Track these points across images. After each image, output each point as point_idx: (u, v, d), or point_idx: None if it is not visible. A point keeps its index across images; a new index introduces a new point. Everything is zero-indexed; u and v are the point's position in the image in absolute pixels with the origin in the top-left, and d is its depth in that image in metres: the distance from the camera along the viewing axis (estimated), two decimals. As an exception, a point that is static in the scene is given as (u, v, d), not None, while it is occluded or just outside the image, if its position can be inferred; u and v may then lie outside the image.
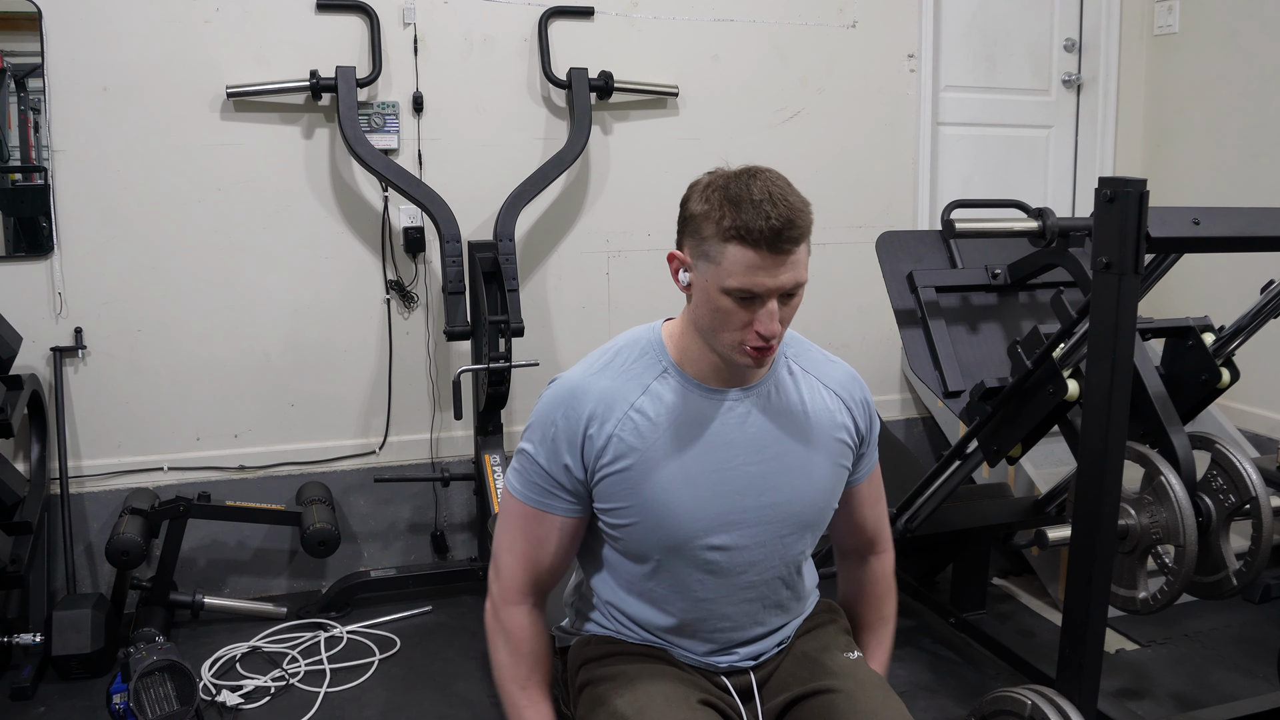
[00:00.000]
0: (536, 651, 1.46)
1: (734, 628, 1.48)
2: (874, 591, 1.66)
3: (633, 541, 1.41)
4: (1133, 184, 1.67)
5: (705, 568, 1.41)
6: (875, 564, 1.66)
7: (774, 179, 1.29)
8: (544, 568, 1.45)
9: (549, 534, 1.43)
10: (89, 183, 2.91)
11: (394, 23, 3.11)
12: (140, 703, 2.22)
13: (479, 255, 2.98)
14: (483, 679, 2.64)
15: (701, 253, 1.30)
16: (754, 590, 1.46)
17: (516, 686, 1.45)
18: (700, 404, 1.39)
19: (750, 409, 1.41)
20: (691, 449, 1.38)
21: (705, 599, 1.44)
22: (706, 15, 3.42)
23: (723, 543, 1.40)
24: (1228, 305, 2.58)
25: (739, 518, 1.40)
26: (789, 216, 1.25)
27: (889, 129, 3.68)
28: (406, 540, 3.31)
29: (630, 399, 1.38)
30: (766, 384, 1.43)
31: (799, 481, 1.43)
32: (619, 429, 1.37)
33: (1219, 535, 2.00)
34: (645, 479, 1.37)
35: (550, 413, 1.39)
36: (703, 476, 1.38)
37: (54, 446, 2.92)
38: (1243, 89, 3.58)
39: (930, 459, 3.60)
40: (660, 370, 1.40)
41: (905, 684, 2.57)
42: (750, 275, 1.26)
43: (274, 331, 3.13)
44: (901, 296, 2.55)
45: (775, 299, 1.28)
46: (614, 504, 1.39)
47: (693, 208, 1.31)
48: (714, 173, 1.33)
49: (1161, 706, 2.49)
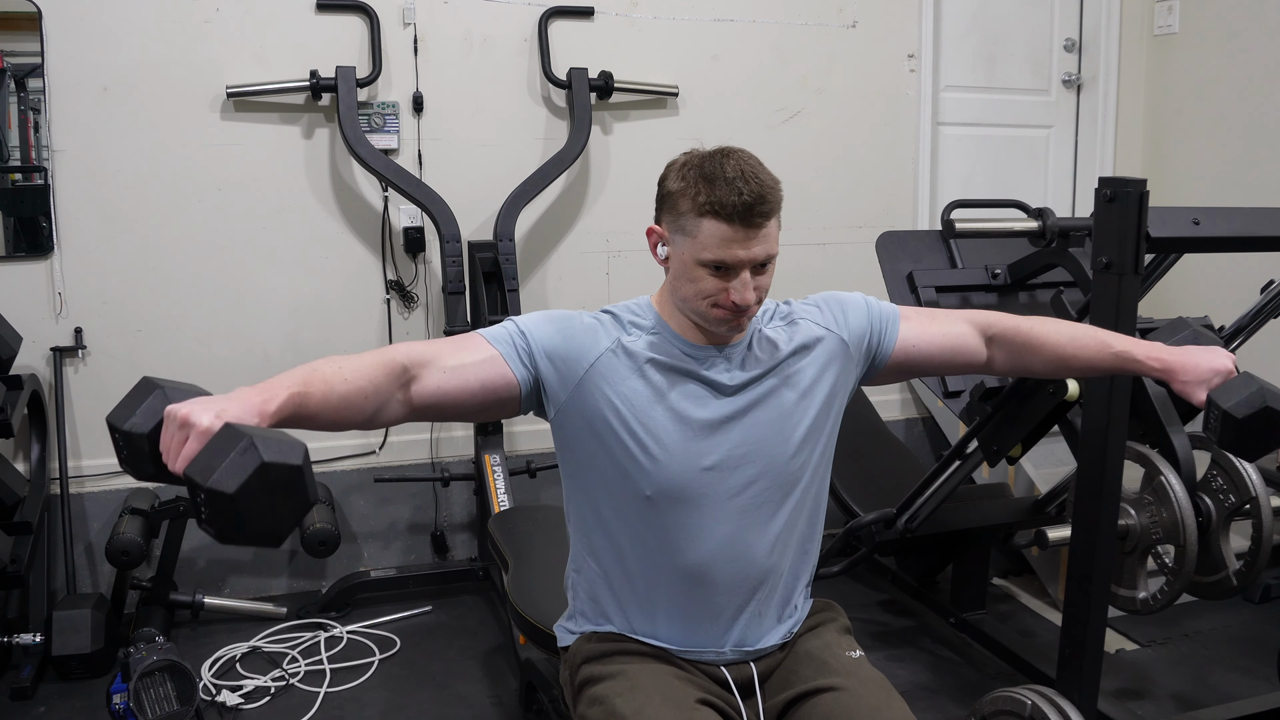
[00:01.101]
0: (360, 371, 1.28)
1: (725, 561, 1.45)
2: (1021, 332, 1.60)
3: (623, 476, 1.42)
4: (1133, 184, 1.68)
5: (700, 490, 1.43)
6: (997, 323, 1.61)
7: (746, 158, 1.36)
8: (435, 371, 1.34)
9: (479, 362, 1.36)
10: (89, 183, 2.91)
11: (394, 23, 3.11)
12: (140, 703, 2.22)
13: (479, 255, 2.98)
14: (483, 679, 2.64)
15: (678, 227, 1.38)
16: (747, 517, 1.45)
17: (323, 362, 1.31)
18: (684, 356, 1.45)
19: (732, 365, 1.46)
20: (675, 391, 1.43)
21: (699, 526, 1.43)
22: (706, 15, 3.42)
23: (714, 462, 1.43)
24: (1228, 305, 2.58)
25: (728, 452, 1.44)
26: (760, 192, 1.33)
27: (889, 129, 3.68)
28: (406, 540, 3.31)
29: (622, 336, 1.45)
30: (746, 339, 1.48)
31: (782, 426, 1.46)
32: (612, 352, 1.43)
33: (1219, 535, 2.00)
34: (632, 409, 1.41)
35: (573, 313, 1.46)
36: (692, 420, 1.43)
37: (54, 446, 2.92)
38: (1243, 89, 3.58)
39: (930, 459, 3.60)
40: (649, 328, 1.47)
41: (905, 684, 2.57)
42: (724, 248, 1.34)
43: (274, 331, 3.13)
44: (901, 296, 2.55)
45: (748, 270, 1.36)
46: (600, 425, 1.41)
47: (670, 185, 1.39)
48: (689, 153, 1.40)
49: (1161, 706, 2.49)
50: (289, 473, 1.03)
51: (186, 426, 1.06)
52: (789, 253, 3.32)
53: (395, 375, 1.30)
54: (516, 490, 2.94)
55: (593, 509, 1.48)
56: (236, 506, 1.00)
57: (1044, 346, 1.60)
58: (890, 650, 2.77)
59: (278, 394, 1.15)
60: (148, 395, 1.11)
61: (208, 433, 1.05)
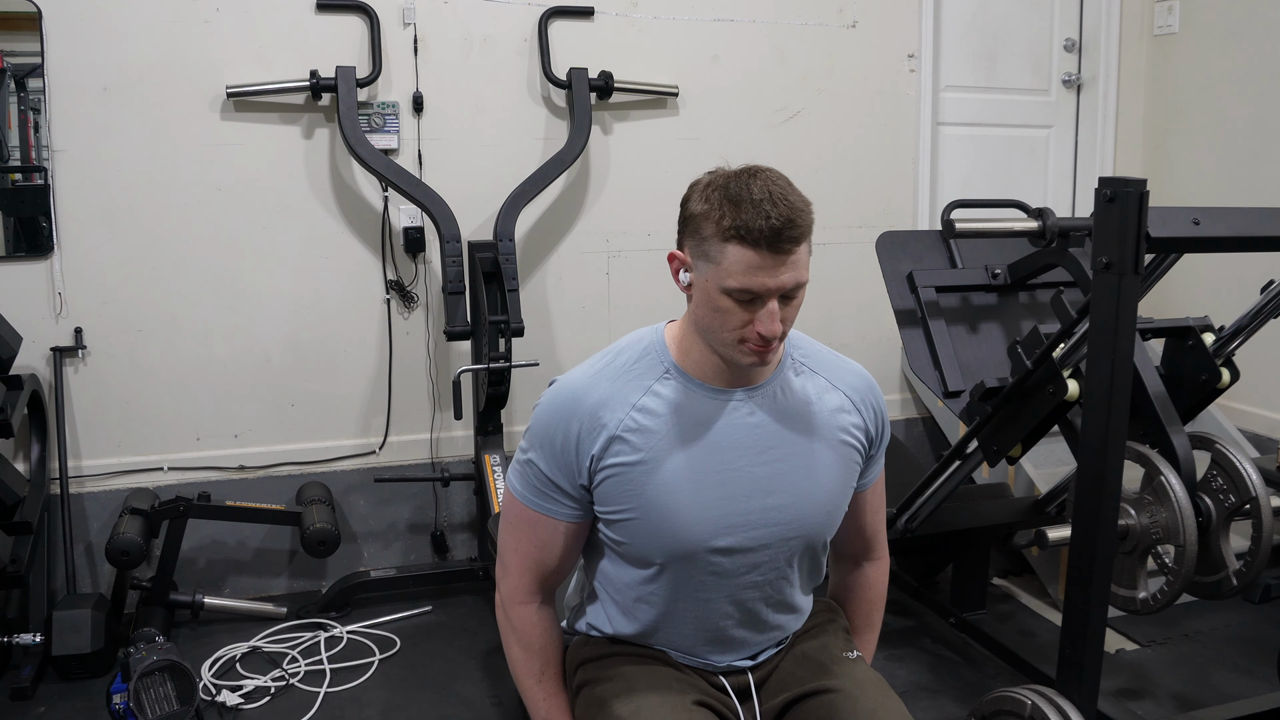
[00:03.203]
0: (548, 646, 1.48)
1: (735, 625, 1.47)
2: (865, 597, 1.66)
3: (635, 546, 1.40)
4: (1133, 184, 1.67)
5: (710, 569, 1.40)
6: (870, 570, 1.66)
7: (774, 178, 1.28)
8: (549, 568, 1.45)
9: (552, 537, 1.43)
10: (89, 183, 2.91)
11: (394, 23, 3.11)
12: (140, 703, 2.22)
13: (479, 255, 2.98)
14: (483, 679, 2.64)
15: (702, 253, 1.29)
16: (758, 590, 1.45)
17: (532, 680, 1.48)
18: (703, 404, 1.38)
19: (755, 409, 1.39)
20: (694, 449, 1.36)
21: (708, 599, 1.43)
22: (706, 15, 3.42)
23: (727, 545, 1.39)
24: (1228, 305, 2.58)
25: (744, 520, 1.38)
26: (789, 216, 1.24)
27: (889, 129, 3.68)
28: (406, 540, 3.31)
29: (631, 400, 1.36)
30: (772, 384, 1.41)
31: (805, 483, 1.41)
32: (620, 430, 1.35)
33: (1219, 535, 2.00)
34: (647, 480, 1.35)
35: (550, 416, 1.38)
36: (707, 478, 1.37)
37: (54, 446, 2.92)
38: (1243, 89, 3.58)
39: (930, 459, 3.59)
40: (662, 371, 1.38)
41: (905, 684, 2.57)
42: (750, 275, 1.25)
43: (274, 331, 3.13)
44: (901, 296, 2.55)
45: (776, 299, 1.28)
46: (615, 506, 1.38)
47: (693, 207, 1.30)
48: (714, 172, 1.32)
49: (1161, 706, 2.49)
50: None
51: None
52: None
53: (552, 624, 1.50)
54: (516, 490, 2.94)
55: (597, 547, 1.48)
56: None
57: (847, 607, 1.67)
58: (890, 650, 2.76)
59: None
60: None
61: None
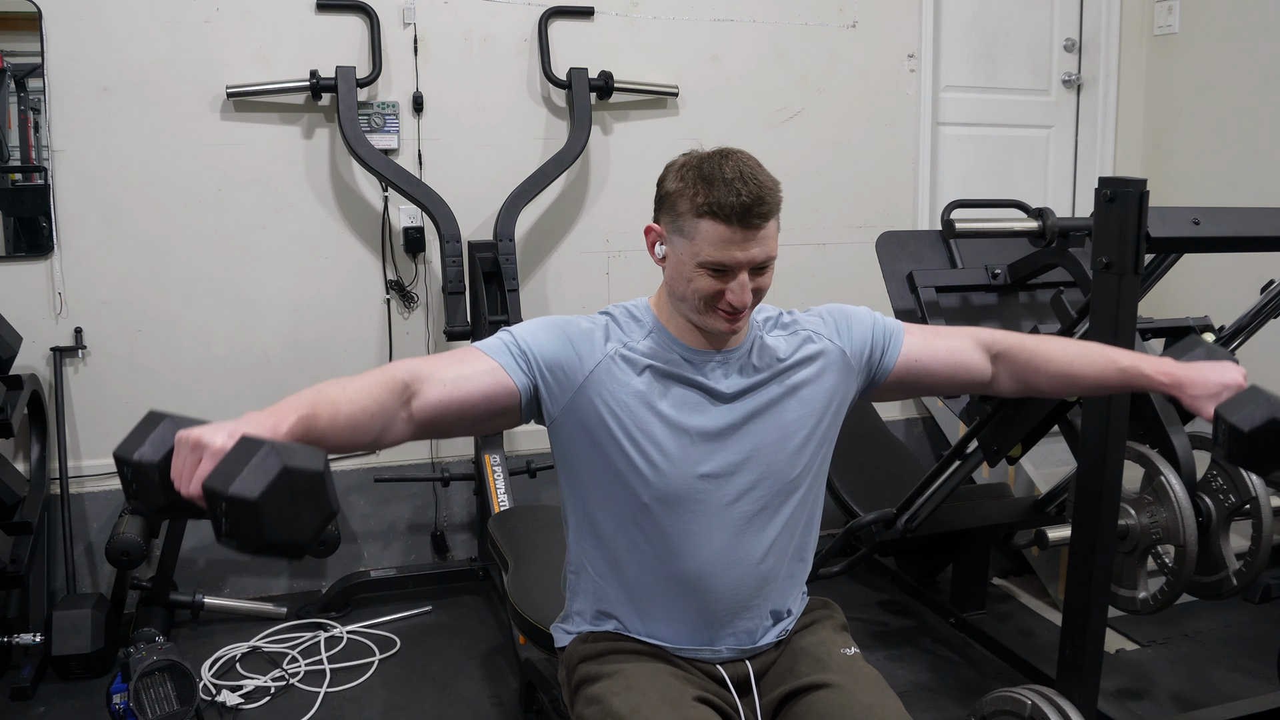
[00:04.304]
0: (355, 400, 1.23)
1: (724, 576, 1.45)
2: (1026, 349, 1.59)
3: (625, 479, 1.42)
4: (1133, 184, 1.67)
5: (697, 498, 1.42)
6: (1002, 340, 1.60)
7: (745, 159, 1.36)
8: (439, 384, 1.33)
9: (477, 374, 1.36)
10: (89, 183, 2.91)
11: (394, 23, 3.11)
12: (140, 703, 2.22)
13: (479, 255, 2.98)
14: (483, 679, 2.64)
15: (676, 228, 1.37)
16: (747, 524, 1.45)
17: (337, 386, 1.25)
18: (682, 361, 1.45)
19: (730, 371, 1.46)
20: (673, 397, 1.43)
21: (695, 530, 1.43)
22: (706, 15, 3.42)
23: (711, 470, 1.43)
24: (1228, 305, 2.58)
25: (724, 459, 1.44)
26: (759, 193, 1.32)
27: (889, 129, 3.68)
28: (406, 540, 3.31)
29: (622, 339, 1.45)
30: (746, 345, 1.47)
31: (773, 431, 1.46)
32: (610, 358, 1.42)
33: (1219, 535, 2.00)
34: (640, 408, 1.41)
35: (569, 318, 1.46)
36: (686, 421, 1.42)
37: (54, 446, 2.92)
38: (1243, 89, 3.58)
39: (930, 459, 3.59)
40: (647, 331, 1.47)
41: (905, 684, 2.57)
42: (722, 249, 1.33)
43: (274, 331, 3.13)
44: (901, 296, 2.55)
45: (746, 271, 1.35)
46: (598, 432, 1.41)
47: (668, 185, 1.39)
48: (689, 153, 1.40)
49: (1161, 706, 2.49)
50: (311, 479, 1.02)
51: (200, 448, 1.04)
52: (789, 253, 3.32)
53: (397, 392, 1.29)
54: (516, 490, 2.94)
55: (588, 514, 1.48)
56: (260, 513, 0.98)
57: (1050, 364, 1.59)
58: (890, 650, 2.76)
59: (287, 417, 1.14)
60: (156, 425, 1.08)
61: (221, 452, 1.03)
